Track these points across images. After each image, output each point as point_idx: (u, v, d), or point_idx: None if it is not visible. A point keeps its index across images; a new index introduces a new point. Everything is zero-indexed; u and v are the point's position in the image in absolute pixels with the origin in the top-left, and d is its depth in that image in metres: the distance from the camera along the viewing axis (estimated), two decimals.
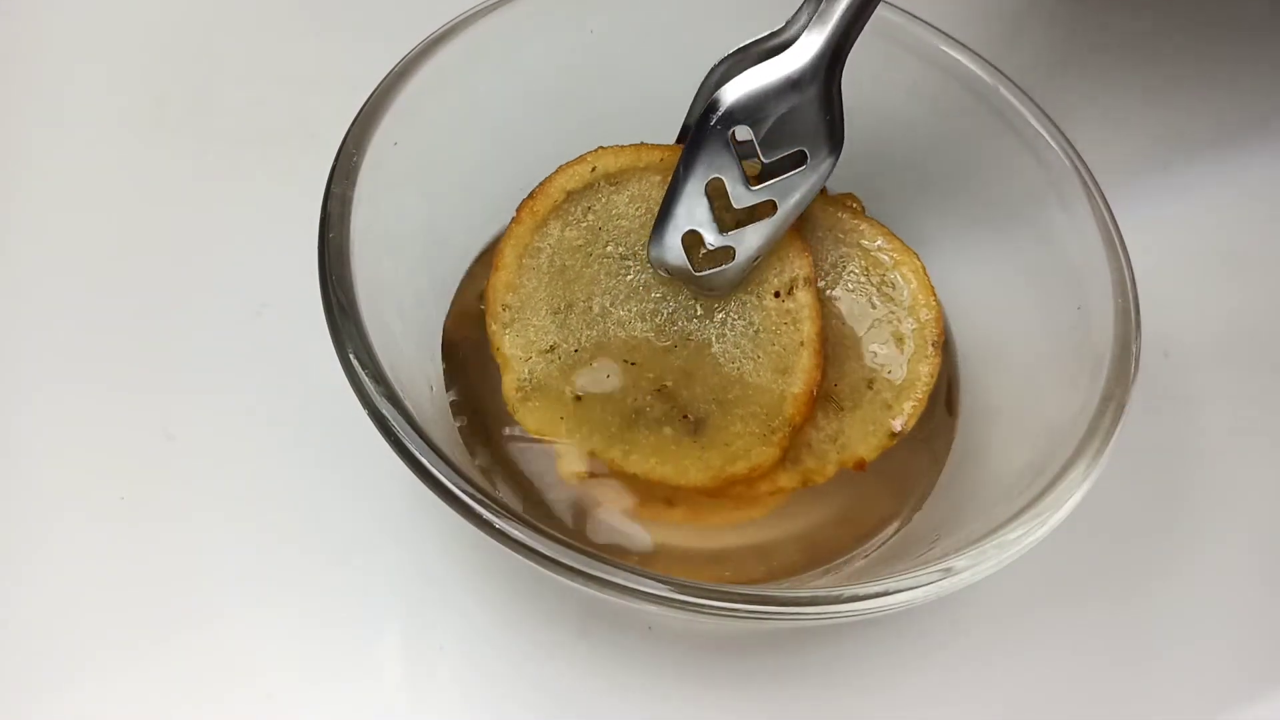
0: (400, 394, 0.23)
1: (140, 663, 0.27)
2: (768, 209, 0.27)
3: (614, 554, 0.26)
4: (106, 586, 0.28)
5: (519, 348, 0.28)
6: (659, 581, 0.21)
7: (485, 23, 0.29)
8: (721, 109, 0.26)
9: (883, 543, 0.27)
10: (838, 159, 0.27)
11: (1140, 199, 0.38)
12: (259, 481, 0.30)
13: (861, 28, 0.26)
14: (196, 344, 0.32)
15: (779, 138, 0.26)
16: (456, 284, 0.31)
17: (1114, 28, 0.44)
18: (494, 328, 0.28)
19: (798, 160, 0.26)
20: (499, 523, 0.22)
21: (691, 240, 0.27)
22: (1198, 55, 0.43)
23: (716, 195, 0.27)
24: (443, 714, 0.27)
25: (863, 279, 0.30)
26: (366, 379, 0.23)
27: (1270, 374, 0.35)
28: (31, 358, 0.31)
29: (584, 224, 0.29)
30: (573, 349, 0.28)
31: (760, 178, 0.27)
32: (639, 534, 0.27)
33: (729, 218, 0.27)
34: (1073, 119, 0.30)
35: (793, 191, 0.27)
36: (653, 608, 0.22)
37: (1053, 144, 0.29)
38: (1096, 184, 0.29)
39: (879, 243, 0.30)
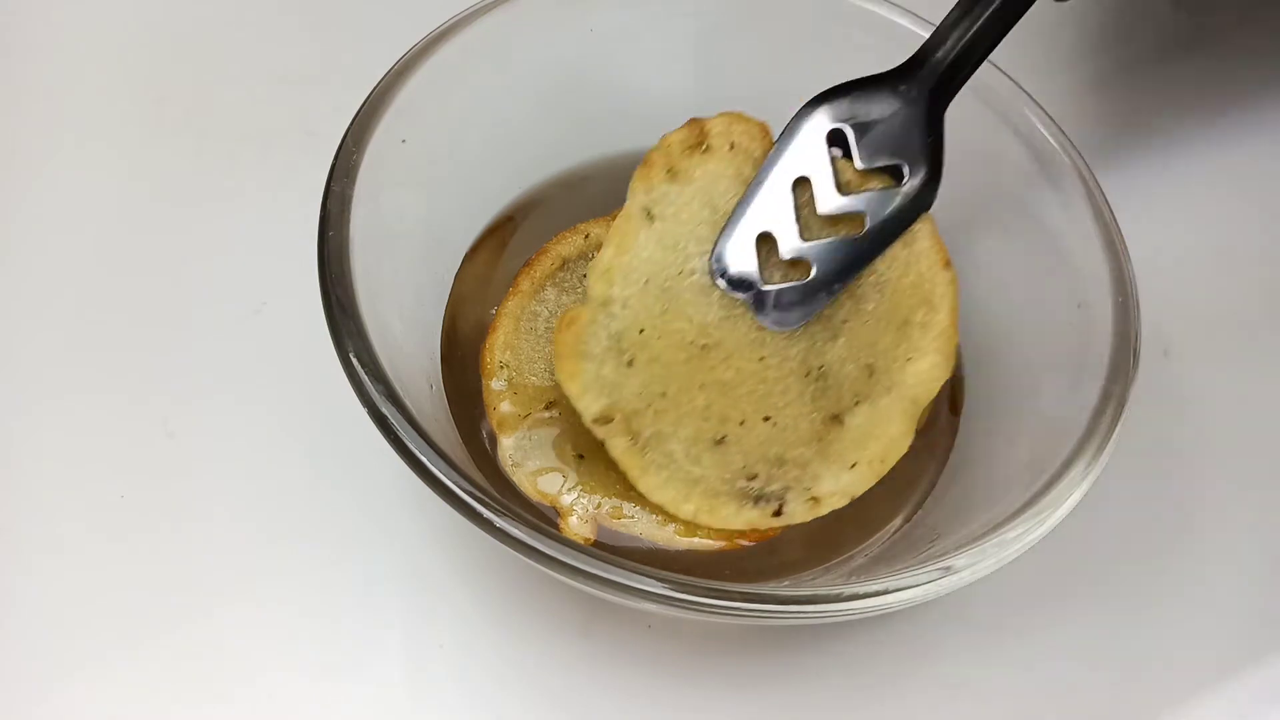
0: (400, 393, 0.23)
1: (140, 662, 0.27)
2: (855, 226, 0.24)
3: (613, 552, 0.26)
4: (106, 585, 0.28)
5: (518, 405, 0.27)
6: (659, 580, 0.21)
7: (485, 21, 0.29)
8: (823, 105, 0.24)
9: (884, 541, 0.27)
10: (937, 188, 0.24)
11: (1140, 196, 0.38)
12: (259, 480, 0.30)
13: (980, 61, 0.24)
14: (196, 342, 0.32)
15: (876, 146, 0.24)
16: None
17: (1114, 26, 0.44)
18: (491, 386, 0.28)
19: (894, 177, 0.24)
20: (499, 521, 0.22)
21: (765, 249, 0.24)
22: (1198, 53, 0.43)
23: (802, 199, 0.24)
24: (443, 713, 0.27)
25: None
26: (366, 378, 0.23)
27: (1271, 372, 0.35)
28: (32, 356, 0.31)
29: (580, 289, 0.29)
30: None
31: (845, 187, 0.24)
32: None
33: (811, 225, 0.24)
34: (1071, 116, 0.30)
35: (886, 207, 0.24)
36: (653, 606, 0.22)
37: (1052, 141, 0.29)
38: (1096, 181, 0.29)
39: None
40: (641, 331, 0.24)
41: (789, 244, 0.24)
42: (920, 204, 0.24)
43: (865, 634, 0.29)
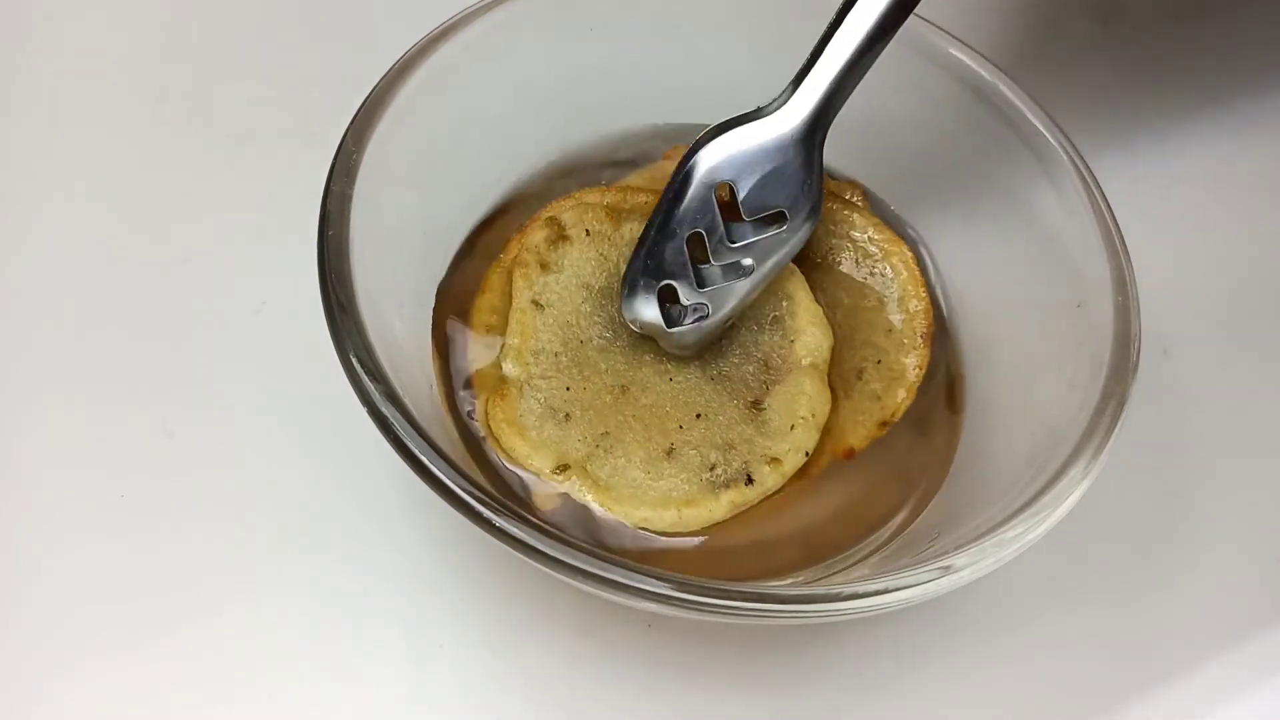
0: (400, 393, 0.23)
1: (139, 662, 0.27)
2: (744, 269, 0.27)
3: (613, 551, 0.26)
4: (105, 585, 0.28)
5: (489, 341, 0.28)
6: (658, 579, 0.21)
7: (484, 20, 0.29)
8: (708, 163, 0.27)
9: (883, 540, 0.27)
10: (816, 223, 0.27)
11: (1139, 196, 0.38)
12: (259, 480, 0.30)
13: (848, 95, 0.27)
14: (196, 342, 0.32)
15: (759, 198, 0.27)
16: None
17: (1114, 26, 0.44)
18: (476, 346, 0.28)
19: (775, 220, 0.27)
20: (499, 521, 0.22)
21: (665, 295, 0.27)
22: (1198, 53, 0.43)
23: (694, 250, 0.27)
24: (443, 714, 0.27)
25: (852, 270, 0.30)
26: (366, 378, 0.23)
27: (1270, 372, 0.35)
28: (31, 356, 0.31)
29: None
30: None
31: (734, 237, 0.27)
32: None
33: (705, 274, 0.27)
34: (1072, 116, 0.30)
35: (771, 252, 0.27)
36: (652, 605, 0.22)
37: (1052, 141, 0.29)
38: (1096, 181, 0.29)
39: (869, 234, 0.31)
40: (568, 389, 0.27)
41: (688, 295, 0.27)
42: (802, 239, 0.27)
43: (865, 634, 0.29)
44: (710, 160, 0.27)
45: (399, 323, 0.26)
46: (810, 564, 0.27)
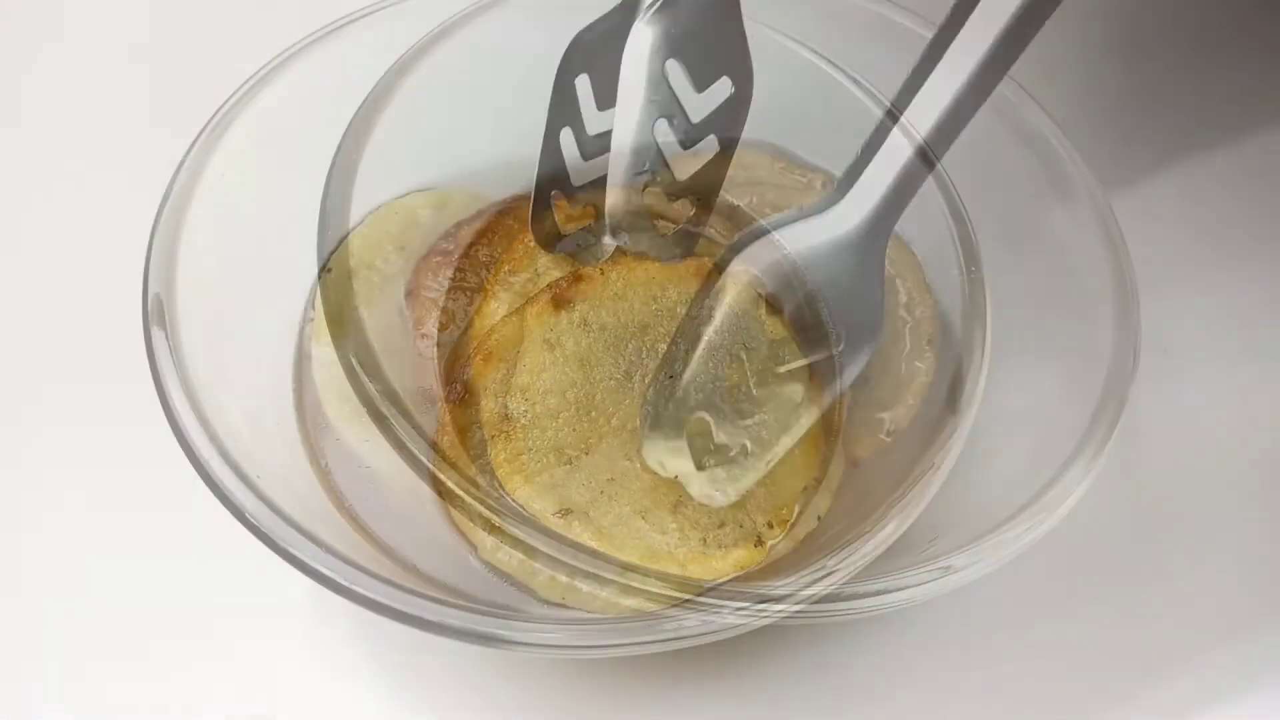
0: (400, 392, 0.23)
1: (138, 662, 0.27)
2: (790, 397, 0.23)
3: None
4: (105, 585, 0.28)
5: (501, 369, 0.28)
6: (658, 579, 0.21)
7: (483, 20, 0.29)
8: (749, 273, 0.23)
9: (884, 540, 0.27)
10: (877, 344, 0.23)
11: (1140, 197, 0.38)
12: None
13: (913, 195, 0.23)
14: (195, 341, 0.32)
15: (810, 314, 0.23)
16: None
17: (1115, 29, 0.44)
18: (477, 359, 0.28)
19: (830, 341, 0.23)
20: (498, 520, 0.22)
21: (697, 429, 0.24)
22: (1199, 54, 0.43)
23: (733, 372, 0.24)
24: (441, 713, 0.27)
25: None
26: (366, 378, 0.23)
27: (1271, 372, 0.35)
28: (33, 354, 0.31)
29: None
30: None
31: (784, 359, 0.24)
32: None
33: (745, 404, 0.24)
34: (1072, 117, 0.30)
35: (829, 378, 0.23)
36: (653, 606, 0.22)
37: (1053, 142, 0.29)
38: (1097, 181, 0.29)
39: None
40: (574, 431, 0.26)
41: (724, 431, 0.24)
42: (862, 364, 0.23)
43: (865, 633, 0.29)
44: (751, 269, 0.23)
45: (398, 323, 0.26)
46: (811, 564, 0.27)
